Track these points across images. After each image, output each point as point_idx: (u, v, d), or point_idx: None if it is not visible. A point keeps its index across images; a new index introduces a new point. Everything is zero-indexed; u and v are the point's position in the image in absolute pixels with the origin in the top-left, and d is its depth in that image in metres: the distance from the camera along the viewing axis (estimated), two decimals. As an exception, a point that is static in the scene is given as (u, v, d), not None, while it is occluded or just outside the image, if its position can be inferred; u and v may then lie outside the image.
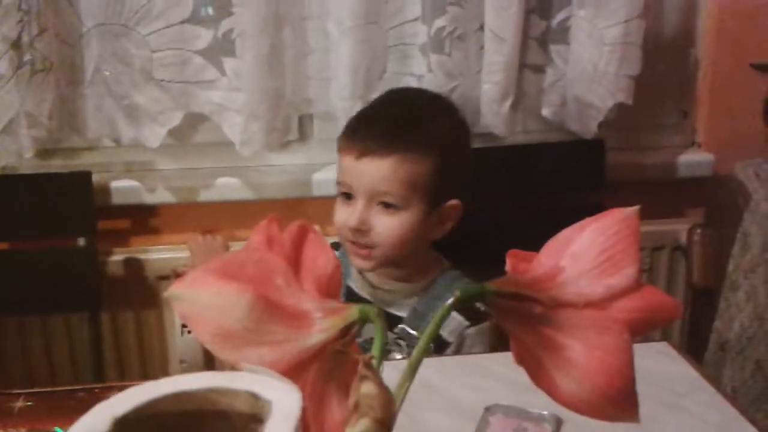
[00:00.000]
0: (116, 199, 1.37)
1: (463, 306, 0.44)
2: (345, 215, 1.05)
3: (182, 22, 1.25)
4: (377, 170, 1.02)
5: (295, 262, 0.50)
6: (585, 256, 0.45)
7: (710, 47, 1.48)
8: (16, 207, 1.24)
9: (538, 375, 0.46)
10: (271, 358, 0.44)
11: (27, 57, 1.15)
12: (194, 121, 1.37)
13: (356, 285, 1.13)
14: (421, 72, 1.30)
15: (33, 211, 1.24)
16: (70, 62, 1.25)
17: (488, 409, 0.76)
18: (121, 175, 1.39)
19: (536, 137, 1.44)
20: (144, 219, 1.44)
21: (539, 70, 1.35)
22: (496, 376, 0.82)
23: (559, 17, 1.32)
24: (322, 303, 0.46)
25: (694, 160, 1.52)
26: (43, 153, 1.31)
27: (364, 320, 0.45)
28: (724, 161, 1.50)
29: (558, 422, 0.74)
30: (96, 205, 1.30)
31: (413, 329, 1.07)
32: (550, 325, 0.44)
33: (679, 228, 1.53)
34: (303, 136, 1.44)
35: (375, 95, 1.32)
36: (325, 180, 1.36)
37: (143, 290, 1.41)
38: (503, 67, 1.26)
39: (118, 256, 1.39)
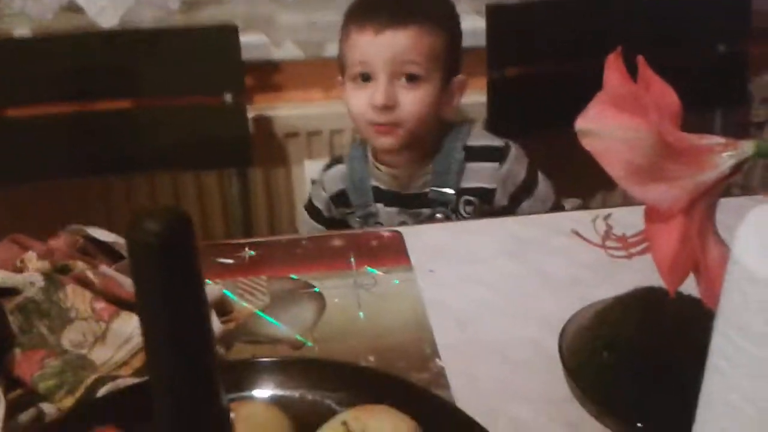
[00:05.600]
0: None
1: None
2: (365, 98, 1.03)
3: None
4: (400, 41, 1.01)
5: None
6: None
7: None
8: (162, 62, 1.21)
9: None
10: (671, 194, 0.45)
11: None
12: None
13: (381, 182, 1.11)
14: None
15: (178, 66, 1.21)
16: None
17: None
18: (245, 30, 1.35)
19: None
20: (268, 76, 1.42)
21: None
22: None
23: None
24: (712, 139, 0.45)
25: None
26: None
27: (761, 155, 0.45)
28: None
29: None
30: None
31: (442, 187, 1.07)
32: None
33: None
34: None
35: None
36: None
37: (271, 148, 1.42)
38: None
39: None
